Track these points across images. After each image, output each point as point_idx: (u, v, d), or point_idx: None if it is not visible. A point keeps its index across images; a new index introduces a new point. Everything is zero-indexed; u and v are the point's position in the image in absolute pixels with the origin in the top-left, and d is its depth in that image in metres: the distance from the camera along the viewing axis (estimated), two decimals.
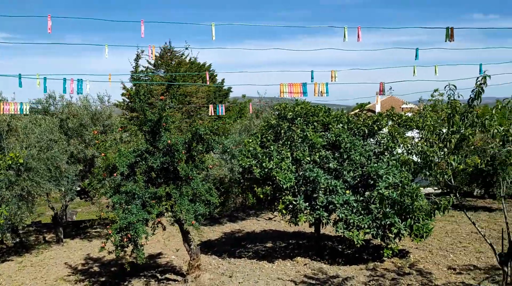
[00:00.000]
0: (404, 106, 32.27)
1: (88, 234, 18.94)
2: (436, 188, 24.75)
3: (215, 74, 46.67)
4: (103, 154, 10.57)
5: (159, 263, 14.46)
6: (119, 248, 10.54)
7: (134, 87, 10.50)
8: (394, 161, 12.38)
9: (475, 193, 24.24)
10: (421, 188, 14.68)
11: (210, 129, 10.67)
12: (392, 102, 44.03)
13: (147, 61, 42.83)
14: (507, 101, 8.31)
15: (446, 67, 12.86)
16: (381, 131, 13.29)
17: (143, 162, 10.71)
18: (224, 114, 12.53)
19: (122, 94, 9.90)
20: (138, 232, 10.14)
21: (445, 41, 6.03)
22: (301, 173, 12.83)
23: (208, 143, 10.89)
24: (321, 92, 7.45)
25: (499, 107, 8.49)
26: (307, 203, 12.61)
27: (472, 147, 8.77)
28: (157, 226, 11.35)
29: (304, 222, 12.84)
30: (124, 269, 11.34)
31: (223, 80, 48.15)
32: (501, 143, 8.40)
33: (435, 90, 15.80)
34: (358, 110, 13.63)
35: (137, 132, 15.78)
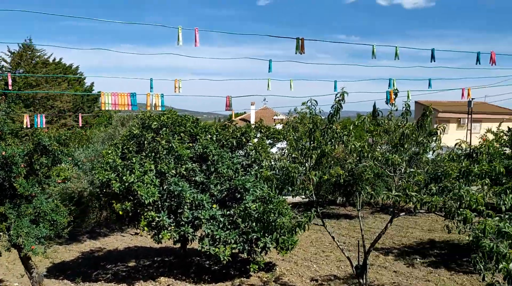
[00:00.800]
0: (275, 117, 33.25)
1: None
2: (304, 196, 25.79)
3: (83, 77, 43.37)
4: None
5: None
6: None
7: None
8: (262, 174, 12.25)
9: (338, 201, 25.67)
10: (290, 197, 14.85)
11: (57, 139, 9.32)
12: (266, 113, 45.42)
13: (2, 58, 38.16)
14: (362, 117, 8.59)
15: (317, 82, 13.19)
16: (250, 143, 13.11)
17: None
18: (44, 125, 11.09)
19: None
20: None
21: (295, 53, 5.80)
22: (165, 187, 12.00)
23: (54, 155, 9.50)
24: (155, 105, 6.68)
25: (356, 124, 8.76)
26: (172, 219, 11.83)
27: (332, 162, 8.88)
28: None
29: (168, 240, 12.02)
30: None
31: (92, 84, 45.05)
32: (358, 158, 8.64)
33: (303, 103, 15.96)
34: (227, 121, 13.40)
35: None
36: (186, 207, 11.74)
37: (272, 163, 8.49)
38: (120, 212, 11.88)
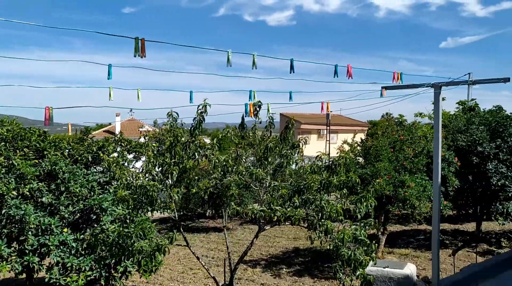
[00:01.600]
0: (141, 129, 31.77)
1: None
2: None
3: None
4: None
5: None
6: None
7: None
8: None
9: (207, 214, 25.32)
10: (156, 213, 13.93)
11: None
12: (133, 124, 43.41)
13: None
14: (226, 130, 8.29)
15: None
16: (109, 158, 11.95)
17: None
18: None
19: None
20: None
21: (135, 55, 5.16)
22: (4, 211, 10.25)
23: None
24: None
25: (220, 137, 8.41)
26: (13, 248, 10.14)
27: (196, 177, 8.38)
28: None
29: (9, 272, 10.29)
30: None
31: None
32: (222, 173, 8.28)
33: (168, 115, 15.27)
34: (82, 133, 12.04)
35: None
36: (30, 233, 10.16)
37: (129, 180, 7.66)
38: None
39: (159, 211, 8.21)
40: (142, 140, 16.36)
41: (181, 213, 23.28)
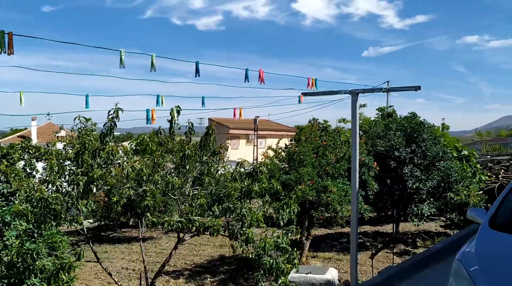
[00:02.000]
0: (57, 134, 29.90)
1: None
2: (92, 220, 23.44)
3: None
4: None
5: None
6: None
7: None
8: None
9: (130, 223, 24.26)
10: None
11: None
12: (51, 129, 40.87)
13: None
14: (142, 136, 7.82)
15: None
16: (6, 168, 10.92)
17: None
18: None
19: None
20: None
21: (0, 52, 4.67)
22: None
23: None
24: None
25: (135, 143, 7.93)
26: None
27: (107, 187, 7.81)
28: None
29: None
30: None
31: None
32: (136, 182, 7.81)
33: (78, 118, 14.17)
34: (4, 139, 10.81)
35: None
36: None
37: (29, 192, 6.93)
38: None
39: (65, 225, 7.54)
40: (59, 146, 15.20)
41: (102, 223, 22.12)
